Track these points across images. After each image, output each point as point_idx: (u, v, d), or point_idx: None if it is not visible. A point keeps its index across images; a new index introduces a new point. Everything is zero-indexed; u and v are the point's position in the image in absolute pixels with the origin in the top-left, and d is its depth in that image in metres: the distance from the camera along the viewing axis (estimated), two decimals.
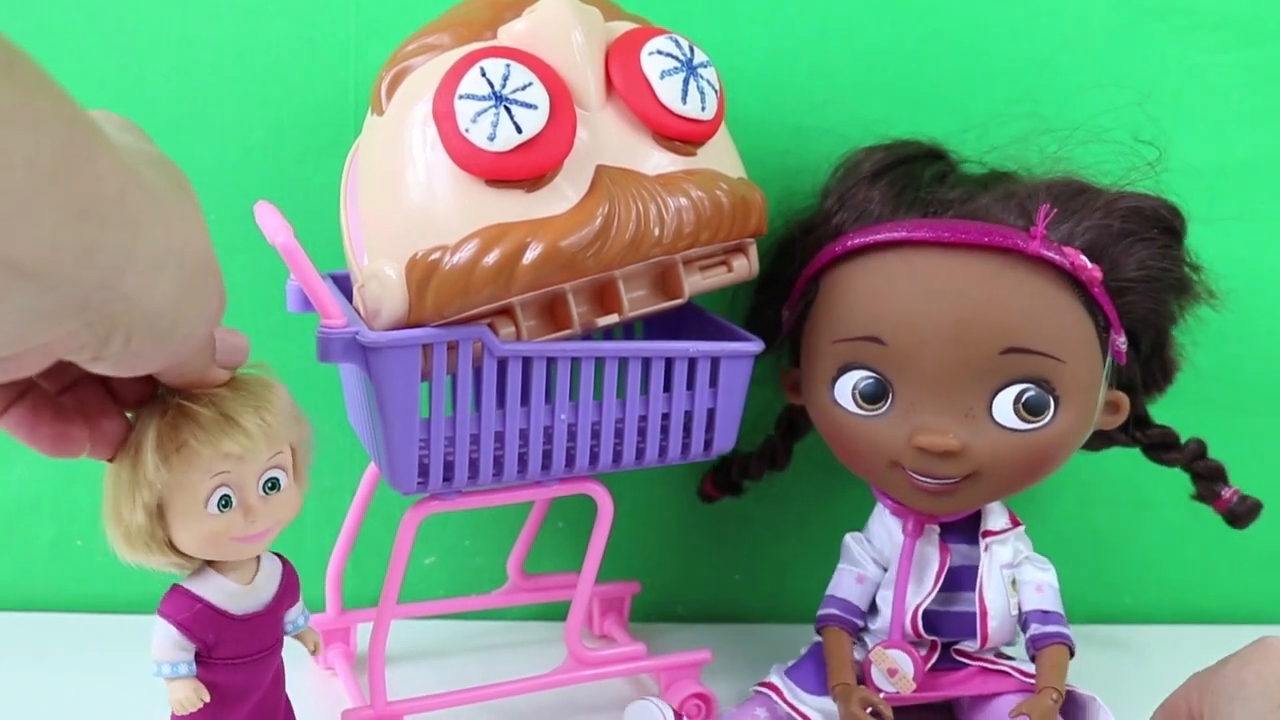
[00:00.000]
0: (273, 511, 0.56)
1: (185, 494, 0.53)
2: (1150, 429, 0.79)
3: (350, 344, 0.62)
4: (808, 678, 0.75)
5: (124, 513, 0.54)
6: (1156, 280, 0.71)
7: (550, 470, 0.70)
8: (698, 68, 0.67)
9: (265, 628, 0.59)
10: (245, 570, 0.58)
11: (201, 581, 0.57)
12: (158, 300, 0.42)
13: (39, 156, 0.35)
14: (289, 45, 0.82)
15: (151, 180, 0.42)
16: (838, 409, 0.72)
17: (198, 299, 0.46)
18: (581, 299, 0.67)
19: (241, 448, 0.53)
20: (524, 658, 0.84)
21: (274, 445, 0.55)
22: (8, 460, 0.87)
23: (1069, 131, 0.75)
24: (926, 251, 0.69)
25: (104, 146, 0.38)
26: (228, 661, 0.58)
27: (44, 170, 0.35)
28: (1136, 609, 0.94)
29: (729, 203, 0.67)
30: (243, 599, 0.58)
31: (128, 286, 0.40)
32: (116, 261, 0.39)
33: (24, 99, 0.34)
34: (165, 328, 0.44)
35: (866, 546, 0.76)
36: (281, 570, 0.60)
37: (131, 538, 0.54)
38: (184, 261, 0.43)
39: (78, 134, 0.37)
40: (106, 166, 0.38)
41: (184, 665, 0.57)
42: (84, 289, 0.39)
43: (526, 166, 0.62)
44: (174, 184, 0.45)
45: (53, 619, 0.88)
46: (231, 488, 0.54)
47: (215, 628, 0.57)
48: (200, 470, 0.53)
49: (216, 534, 0.54)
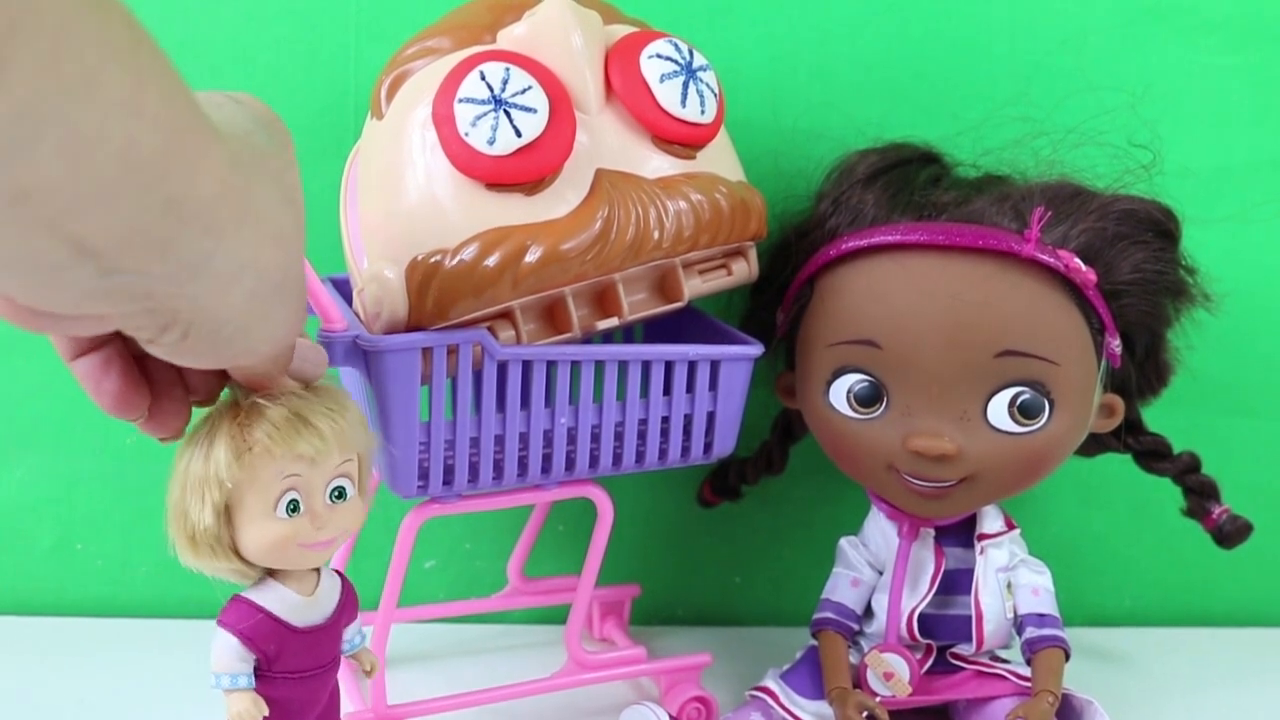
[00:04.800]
0: (338, 520, 0.55)
1: (255, 495, 0.53)
2: (1143, 436, 0.79)
3: (351, 347, 0.63)
4: (803, 682, 0.75)
5: (192, 513, 0.53)
6: (1151, 283, 0.71)
7: (550, 473, 0.71)
8: (697, 71, 0.67)
9: (325, 643, 0.58)
10: (307, 582, 0.57)
11: (264, 592, 0.56)
12: (224, 310, 0.41)
13: (136, 147, 0.34)
14: (289, 49, 0.82)
15: (258, 192, 0.41)
16: (833, 413, 0.73)
17: (269, 317, 0.45)
18: (581, 302, 0.67)
19: (314, 449, 0.52)
20: (524, 661, 0.84)
21: (344, 451, 0.54)
22: (9, 464, 0.88)
23: (1063, 134, 0.75)
24: (921, 255, 0.70)
25: (211, 148, 0.37)
26: (287, 675, 0.56)
27: (137, 161, 0.34)
28: (1134, 612, 0.94)
29: (728, 206, 0.67)
30: (305, 611, 0.56)
31: (197, 289, 0.39)
32: (191, 262, 0.38)
33: (137, 86, 0.34)
34: (227, 336, 0.43)
35: (862, 550, 0.77)
36: (341, 586, 0.59)
37: (197, 540, 0.53)
38: (264, 278, 0.42)
39: (186, 131, 0.36)
40: (207, 169, 0.37)
41: (244, 677, 0.55)
42: (150, 281, 0.38)
43: (526, 170, 0.62)
44: (283, 198, 0.44)
45: (53, 623, 0.88)
46: (300, 492, 0.53)
47: (277, 639, 0.56)
48: (272, 470, 0.52)
49: (284, 539, 0.53)
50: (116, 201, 0.34)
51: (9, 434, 0.87)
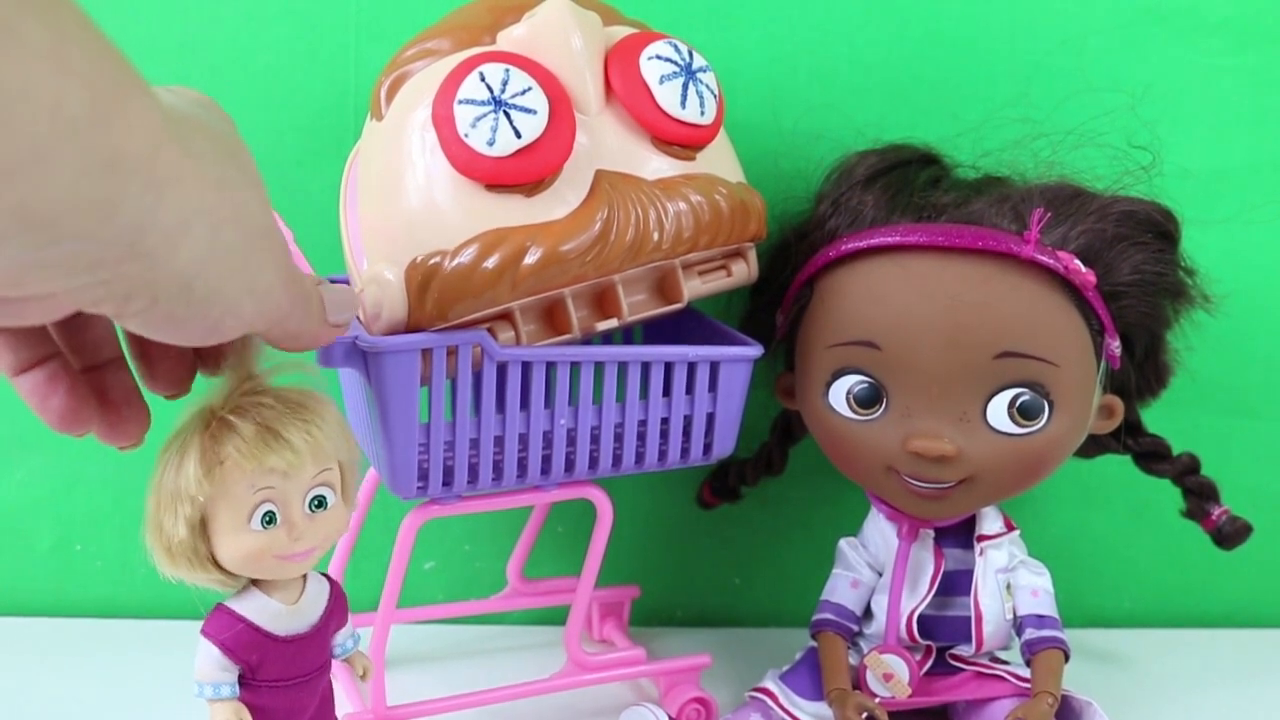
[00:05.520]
0: (318, 530, 0.54)
1: (228, 508, 0.52)
2: (1142, 437, 0.79)
3: (350, 348, 0.63)
4: (803, 683, 0.75)
5: (166, 526, 0.52)
6: (1150, 284, 0.71)
7: (550, 475, 0.71)
8: (697, 72, 0.67)
9: (311, 650, 0.57)
10: (291, 590, 0.56)
11: (245, 601, 0.56)
12: (184, 265, 0.39)
13: (66, 103, 0.33)
14: (289, 49, 0.82)
15: (198, 143, 0.40)
16: (832, 414, 0.73)
17: (242, 269, 0.43)
18: (581, 304, 0.67)
19: (286, 463, 0.52)
20: (523, 662, 0.84)
21: (320, 462, 0.54)
22: (8, 464, 0.88)
23: (1063, 136, 0.75)
24: (920, 256, 0.70)
25: (141, 101, 0.36)
26: (271, 684, 0.56)
27: (69, 118, 0.33)
28: (1134, 613, 0.94)
29: (728, 207, 0.67)
30: (287, 620, 0.56)
31: (147, 247, 0.37)
32: (136, 220, 0.36)
33: (58, 40, 0.32)
34: (201, 294, 0.41)
35: (861, 551, 0.77)
36: (329, 591, 0.58)
37: (173, 552, 0.53)
38: (218, 229, 0.40)
39: (113, 83, 0.34)
40: (140, 121, 0.36)
41: (226, 687, 0.55)
42: (96, 247, 0.36)
43: (526, 171, 0.62)
44: (225, 151, 0.43)
45: (53, 624, 0.88)
46: (276, 504, 0.53)
47: (258, 649, 0.55)
48: (243, 484, 0.52)
49: (259, 551, 0.53)
50: (50, 163, 0.33)
51: (9, 435, 0.87)
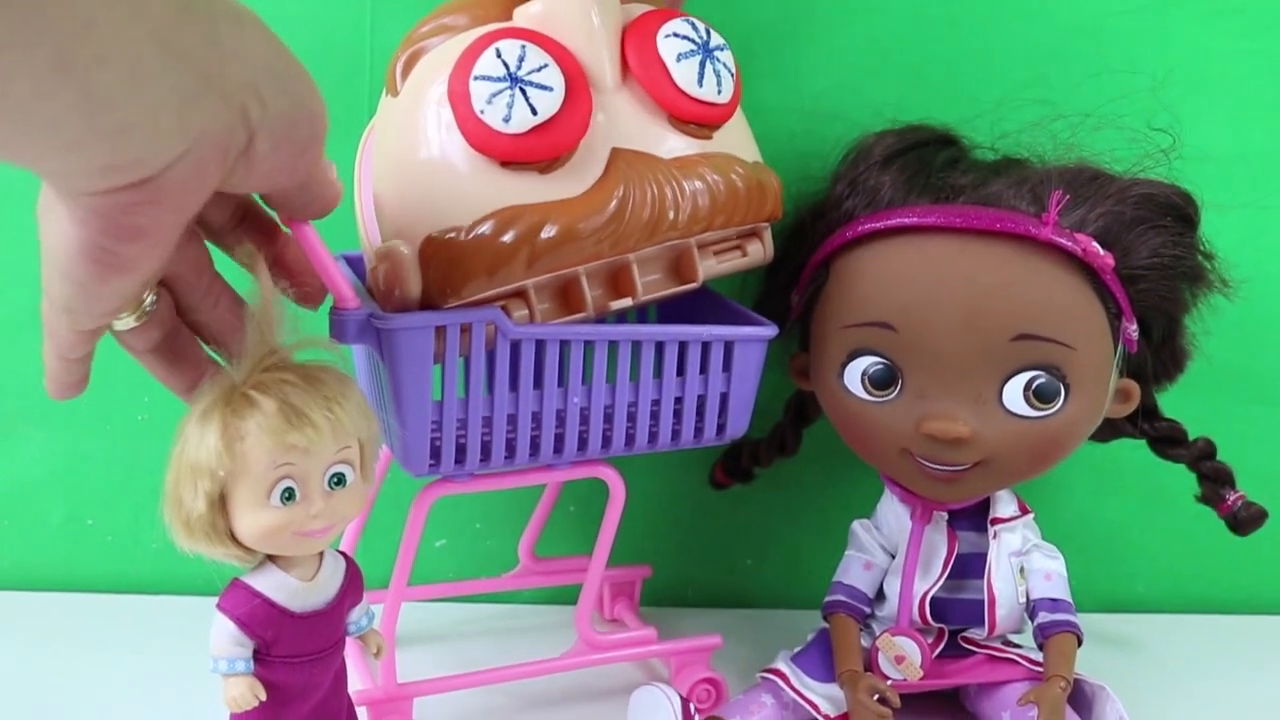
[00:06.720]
0: (336, 507, 0.55)
1: (248, 484, 0.53)
2: (1158, 422, 0.78)
3: (364, 325, 0.62)
4: (814, 664, 0.75)
5: (185, 500, 0.53)
6: (1169, 268, 0.71)
7: (562, 453, 0.70)
8: (714, 50, 0.66)
9: (326, 627, 0.58)
10: (307, 567, 0.57)
11: (262, 576, 0.56)
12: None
13: None
14: (304, 25, 0.81)
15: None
16: (847, 395, 0.72)
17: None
18: (595, 282, 0.67)
19: (308, 440, 0.52)
20: (534, 641, 0.84)
21: (341, 440, 0.54)
22: (20, 440, 0.88)
23: (1081, 118, 0.75)
24: (938, 237, 0.69)
25: None
26: (286, 660, 0.56)
27: None
28: (1148, 598, 0.94)
29: (744, 187, 0.67)
30: (303, 596, 0.56)
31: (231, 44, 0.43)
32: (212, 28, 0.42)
33: None
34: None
35: (874, 533, 0.76)
36: (345, 569, 0.59)
37: (191, 527, 0.53)
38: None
39: None
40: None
41: (241, 662, 0.55)
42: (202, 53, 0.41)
43: (542, 148, 0.62)
44: None
45: (64, 599, 0.89)
46: (295, 480, 0.53)
47: (274, 625, 0.56)
48: (265, 460, 0.52)
49: (278, 527, 0.53)
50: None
51: (20, 410, 0.87)
